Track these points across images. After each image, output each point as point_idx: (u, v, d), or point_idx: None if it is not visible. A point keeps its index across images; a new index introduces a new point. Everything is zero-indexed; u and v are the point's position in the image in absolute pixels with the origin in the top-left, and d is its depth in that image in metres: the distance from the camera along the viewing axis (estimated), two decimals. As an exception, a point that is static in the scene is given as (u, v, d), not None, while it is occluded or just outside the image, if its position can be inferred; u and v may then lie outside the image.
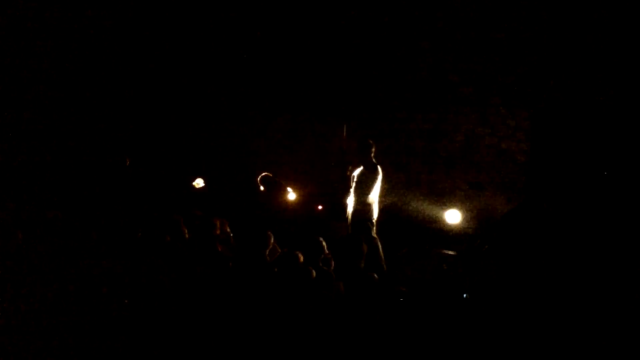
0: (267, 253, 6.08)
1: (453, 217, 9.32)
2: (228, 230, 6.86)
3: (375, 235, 7.60)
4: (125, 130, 10.13)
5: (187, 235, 6.24)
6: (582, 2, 8.71)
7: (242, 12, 10.65)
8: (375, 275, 5.59)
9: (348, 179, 7.72)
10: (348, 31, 10.12)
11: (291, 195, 9.12)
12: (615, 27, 8.54)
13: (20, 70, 9.07)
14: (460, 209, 9.43)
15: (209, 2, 10.67)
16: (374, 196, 7.54)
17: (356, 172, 7.58)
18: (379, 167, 7.55)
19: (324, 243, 6.35)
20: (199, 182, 10.06)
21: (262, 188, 8.71)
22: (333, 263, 6.19)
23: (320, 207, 9.22)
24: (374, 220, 7.61)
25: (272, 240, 6.28)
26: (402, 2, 9.72)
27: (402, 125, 10.00)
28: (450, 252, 8.66)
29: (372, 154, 7.55)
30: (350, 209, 7.69)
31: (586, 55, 8.73)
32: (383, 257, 7.65)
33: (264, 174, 8.73)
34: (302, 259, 5.76)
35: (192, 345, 4.65)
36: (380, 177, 7.55)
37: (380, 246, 7.61)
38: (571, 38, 8.79)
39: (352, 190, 7.62)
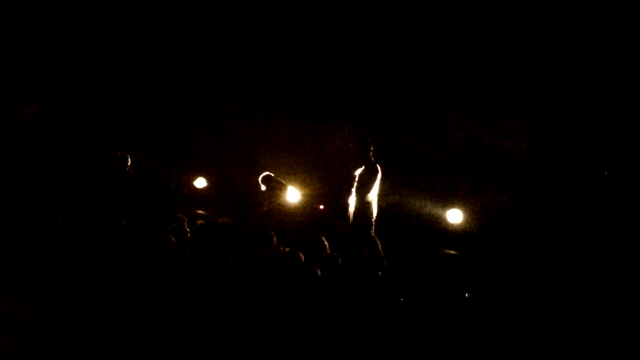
0: (269, 253, 6.06)
1: (454, 217, 9.31)
2: (230, 230, 6.84)
3: (373, 234, 7.58)
4: (126, 131, 10.12)
5: (189, 235, 6.21)
6: (582, 1, 8.68)
7: (242, 13, 10.65)
8: (379, 273, 5.57)
9: (348, 179, 7.70)
10: (348, 32, 10.11)
11: (292, 195, 9.10)
12: (616, 26, 8.52)
13: (20, 70, 9.05)
14: (461, 209, 9.41)
15: (210, 2, 10.67)
16: (373, 196, 7.53)
17: (356, 172, 7.56)
18: (378, 166, 7.53)
19: (325, 243, 6.33)
20: (200, 182, 10.05)
21: (263, 188, 8.69)
22: (340, 262, 6.16)
23: (321, 207, 9.20)
24: (373, 220, 7.59)
25: (274, 240, 6.26)
26: (402, 3, 9.70)
27: (403, 125, 9.98)
28: (452, 252, 8.65)
29: (372, 154, 7.54)
30: (351, 209, 7.68)
31: (587, 55, 8.71)
32: (383, 255, 7.63)
33: (265, 173, 8.71)
34: (302, 258, 5.74)
35: (192, 345, 4.63)
36: (379, 176, 7.54)
37: (379, 245, 7.60)
38: (572, 37, 8.76)
39: (352, 190, 7.61)
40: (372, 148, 7.53)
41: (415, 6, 9.62)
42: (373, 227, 7.59)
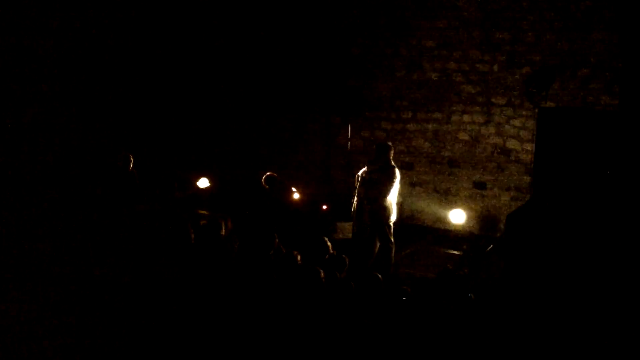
0: (271, 253, 6.05)
1: (457, 217, 9.30)
2: (232, 230, 6.83)
3: (391, 239, 7.56)
4: (129, 130, 10.11)
5: (192, 235, 6.19)
6: (583, 1, 8.66)
7: (245, 12, 10.65)
8: (380, 275, 5.56)
9: (356, 179, 7.68)
10: (352, 31, 10.11)
11: (295, 195, 9.09)
12: (618, 25, 8.49)
13: (21, 69, 9.03)
14: (464, 208, 9.40)
15: (213, 2, 10.67)
16: (392, 198, 7.49)
17: (372, 174, 7.51)
18: (397, 170, 7.51)
19: (328, 243, 6.32)
20: (203, 182, 10.03)
21: (267, 188, 8.67)
22: (347, 262, 6.15)
23: (325, 207, 9.18)
24: (391, 223, 7.55)
25: (277, 241, 6.24)
26: (405, 2, 9.70)
27: (406, 125, 9.97)
28: (455, 252, 8.64)
29: (391, 156, 7.52)
30: (356, 210, 7.66)
31: (590, 55, 8.68)
32: (393, 260, 7.64)
33: (268, 173, 8.68)
34: (299, 259, 5.74)
35: (193, 344, 4.62)
36: (398, 179, 7.51)
37: (393, 250, 7.59)
38: (574, 37, 8.74)
39: (359, 190, 7.58)
40: (391, 151, 7.53)
41: (418, 6, 9.61)
42: (392, 231, 7.57)
